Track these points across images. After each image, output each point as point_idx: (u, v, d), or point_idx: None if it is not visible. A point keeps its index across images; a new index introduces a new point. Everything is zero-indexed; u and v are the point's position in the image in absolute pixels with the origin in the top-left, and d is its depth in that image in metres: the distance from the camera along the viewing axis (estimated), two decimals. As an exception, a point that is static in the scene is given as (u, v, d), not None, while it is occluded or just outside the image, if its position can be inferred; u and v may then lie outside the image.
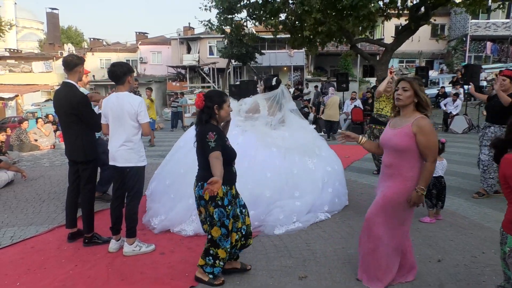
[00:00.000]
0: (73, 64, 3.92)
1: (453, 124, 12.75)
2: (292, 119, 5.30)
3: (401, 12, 13.99)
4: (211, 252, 3.10)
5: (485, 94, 5.59)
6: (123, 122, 3.61)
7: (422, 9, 13.73)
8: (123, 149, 3.64)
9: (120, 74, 3.64)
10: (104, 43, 40.28)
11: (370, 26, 14.26)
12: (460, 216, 4.78)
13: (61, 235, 4.24)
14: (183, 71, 33.00)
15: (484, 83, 18.67)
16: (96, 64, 36.08)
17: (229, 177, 3.03)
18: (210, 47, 33.40)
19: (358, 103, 14.15)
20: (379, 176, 3.14)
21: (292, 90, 22.73)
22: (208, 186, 2.53)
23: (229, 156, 3.03)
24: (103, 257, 3.72)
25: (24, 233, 4.40)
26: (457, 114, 12.96)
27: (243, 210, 3.29)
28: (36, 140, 11.02)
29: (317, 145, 5.35)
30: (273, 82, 5.15)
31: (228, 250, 3.13)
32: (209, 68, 31.81)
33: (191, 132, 5.41)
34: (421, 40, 27.08)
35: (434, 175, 4.66)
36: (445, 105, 13.35)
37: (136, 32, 38.38)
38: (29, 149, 10.52)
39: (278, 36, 16.37)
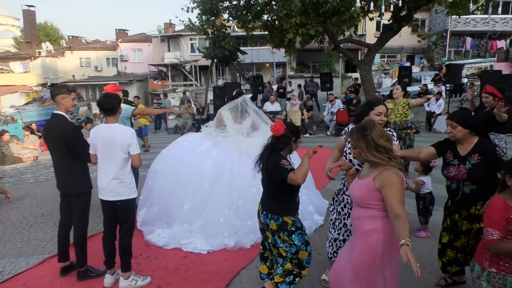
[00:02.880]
0: (53, 95, 3.83)
1: (436, 123, 12.95)
2: (260, 122, 5.45)
3: (383, 13, 14.08)
4: (294, 273, 3.18)
5: (475, 105, 5.59)
6: (114, 154, 3.54)
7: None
8: (114, 183, 3.57)
9: (111, 107, 3.56)
10: (84, 41, 39.39)
11: (352, 27, 14.32)
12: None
13: (53, 268, 4.13)
14: (164, 69, 32.56)
15: (465, 80, 18.99)
16: (75, 63, 35.35)
17: (294, 207, 3.23)
18: (192, 44, 33.04)
19: (339, 103, 14.23)
20: None
21: (275, 87, 22.72)
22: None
23: (295, 186, 3.13)
24: (98, 293, 3.66)
25: (14, 266, 4.28)
26: (440, 114, 13.16)
27: None
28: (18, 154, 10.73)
29: None
30: (233, 94, 5.48)
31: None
32: (191, 66, 31.48)
33: (170, 152, 5.52)
34: (402, 35, 27.14)
35: (422, 192, 4.78)
36: (428, 105, 13.53)
37: (116, 29, 37.68)
38: (11, 162, 10.25)
39: (260, 33, 16.33)
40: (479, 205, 3.06)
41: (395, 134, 3.33)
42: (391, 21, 13.94)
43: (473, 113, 3.08)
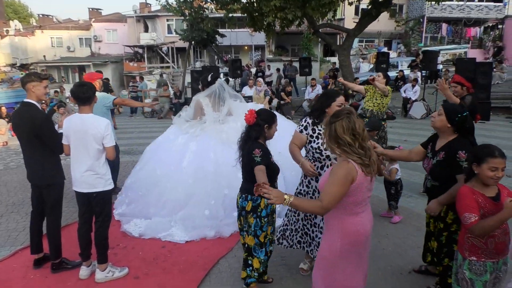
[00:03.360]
0: (23, 82, 3.64)
1: (412, 110, 13.17)
2: (238, 107, 5.25)
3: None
4: (249, 262, 3.27)
5: (456, 99, 5.57)
6: (88, 146, 3.42)
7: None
8: (88, 174, 3.46)
9: (85, 96, 3.42)
10: (55, 19, 37.84)
11: (331, 11, 14.26)
12: (424, 218, 4.95)
13: (25, 260, 4.01)
14: (140, 51, 31.75)
15: (440, 67, 19.31)
16: (46, 43, 34.00)
17: None
18: (168, 25, 32.26)
19: (319, 89, 14.26)
20: None
21: (253, 70, 22.53)
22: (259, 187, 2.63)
23: (273, 172, 3.16)
24: (74, 286, 3.58)
25: (-16, 258, 4.14)
26: (416, 100, 13.37)
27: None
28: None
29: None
30: (209, 79, 5.16)
31: (262, 261, 3.28)
32: (168, 48, 30.81)
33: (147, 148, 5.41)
34: (380, 20, 27.30)
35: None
36: (404, 91, 13.72)
37: (89, 8, 36.40)
38: (-21, 147, 9.84)
39: (239, 15, 16.05)
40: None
41: None
42: (369, 6, 13.93)
43: (466, 113, 2.98)
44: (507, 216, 2.27)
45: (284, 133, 5.23)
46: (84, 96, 3.41)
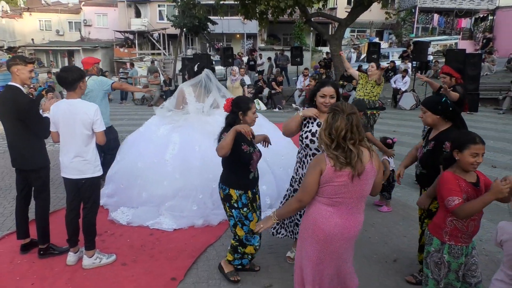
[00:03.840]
0: (8, 65, 3.61)
1: (402, 100, 13.25)
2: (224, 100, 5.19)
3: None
4: (239, 250, 3.31)
5: (437, 84, 5.68)
6: (77, 131, 3.39)
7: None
8: (77, 160, 3.44)
9: (71, 81, 3.38)
10: (43, 2, 37.03)
11: (323, 0, 14.23)
12: (411, 208, 5.01)
13: (12, 245, 4.00)
14: (131, 37, 31.29)
15: (431, 58, 19.39)
16: (35, 26, 33.27)
17: (244, 182, 3.20)
18: (160, 11, 31.79)
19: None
20: None
21: (245, 59, 22.41)
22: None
23: (242, 160, 3.14)
24: (62, 272, 3.58)
25: (-30, 243, 4.12)
26: (406, 91, 13.45)
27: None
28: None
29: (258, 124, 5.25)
30: (195, 69, 5.15)
31: (257, 247, 3.32)
32: (159, 34, 30.43)
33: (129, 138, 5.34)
34: (372, 10, 27.27)
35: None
36: (394, 82, 13.78)
37: (78, -8, 35.58)
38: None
39: (230, 2, 15.89)
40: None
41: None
42: (362, -4, 13.90)
43: (444, 99, 3.07)
44: (492, 197, 2.33)
45: (268, 131, 5.22)
46: (68, 80, 3.36)
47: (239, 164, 3.14)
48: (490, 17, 27.87)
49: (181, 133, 4.88)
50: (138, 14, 32.01)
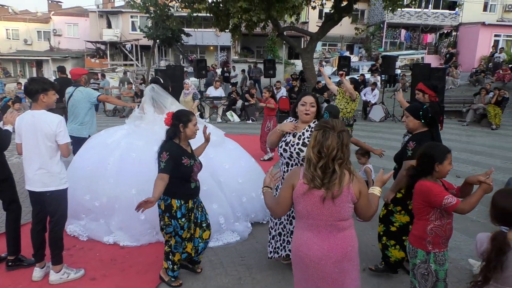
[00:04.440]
0: None
1: (372, 113, 13.62)
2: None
3: (325, 2, 14.44)
4: (170, 257, 3.44)
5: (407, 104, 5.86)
6: (40, 143, 3.35)
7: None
8: (40, 172, 3.38)
9: (33, 92, 3.35)
10: (11, 10, 36.07)
11: (295, 14, 14.53)
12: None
13: (-26, 261, 3.87)
14: (103, 47, 30.91)
15: (398, 71, 20.06)
16: (1, 35, 32.35)
17: (185, 192, 3.31)
18: (132, 22, 31.54)
19: (283, 92, 14.45)
20: None
21: (219, 71, 22.50)
22: (142, 203, 2.83)
23: (183, 174, 3.24)
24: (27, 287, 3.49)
25: None
26: (375, 103, 13.84)
27: (203, 225, 3.59)
28: None
29: (221, 141, 5.11)
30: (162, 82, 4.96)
31: (182, 254, 3.50)
32: (132, 45, 30.16)
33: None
34: (343, 25, 28.02)
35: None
36: (364, 94, 14.17)
37: (48, 1, 34.88)
38: None
39: (204, 15, 15.97)
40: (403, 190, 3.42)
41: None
42: (332, 10, 14.29)
43: (425, 106, 3.43)
44: (488, 190, 2.52)
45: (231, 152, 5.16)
46: (31, 91, 3.35)
47: (179, 176, 3.21)
48: (454, 33, 29.11)
49: (128, 139, 4.69)
50: (110, 25, 31.64)
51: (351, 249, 2.29)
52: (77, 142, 5.07)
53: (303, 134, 3.35)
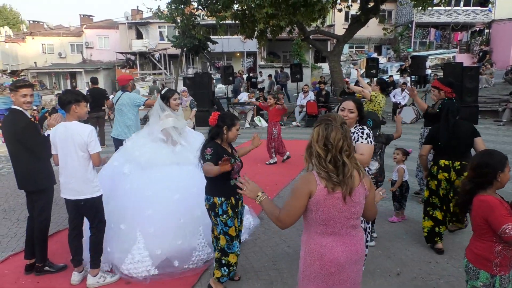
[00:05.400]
0: (10, 90, 3.73)
1: (402, 114, 13.28)
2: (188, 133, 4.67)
3: (351, 4, 14.31)
4: (223, 262, 3.39)
5: (425, 104, 5.73)
6: (72, 153, 3.47)
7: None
8: (74, 182, 3.51)
9: (65, 102, 3.50)
10: (45, 26, 37.72)
11: (321, 17, 14.48)
12: (414, 221, 5.04)
13: (17, 266, 4.04)
14: (132, 57, 31.78)
15: (429, 71, 19.57)
16: (37, 50, 33.89)
17: (225, 190, 3.34)
18: (160, 32, 32.31)
19: (311, 95, 14.38)
20: None
21: (245, 77, 22.65)
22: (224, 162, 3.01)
23: (223, 172, 3.17)
24: (66, 291, 3.60)
25: (-25, 265, 4.14)
26: (405, 105, 13.54)
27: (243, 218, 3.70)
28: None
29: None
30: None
31: (238, 253, 3.47)
32: (160, 54, 30.86)
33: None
34: (370, 26, 27.63)
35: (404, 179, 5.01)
36: (394, 96, 13.90)
37: (80, 15, 36.27)
38: (-31, 154, 9.79)
39: (230, 22, 16.18)
40: None
41: (366, 131, 3.21)
42: (358, 12, 14.15)
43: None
44: None
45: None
46: (63, 102, 3.49)
47: (220, 175, 3.19)
48: (486, 30, 28.18)
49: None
50: (139, 36, 32.51)
51: (363, 247, 2.28)
52: (122, 144, 4.91)
53: None
